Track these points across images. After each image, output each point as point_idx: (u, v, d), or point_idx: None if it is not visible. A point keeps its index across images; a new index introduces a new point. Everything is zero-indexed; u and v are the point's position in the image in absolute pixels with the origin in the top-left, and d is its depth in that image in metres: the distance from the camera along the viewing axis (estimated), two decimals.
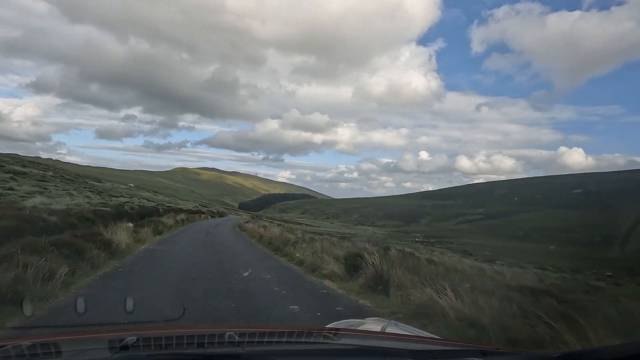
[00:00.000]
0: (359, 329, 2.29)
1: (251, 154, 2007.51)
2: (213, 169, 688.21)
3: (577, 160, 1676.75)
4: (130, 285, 7.44)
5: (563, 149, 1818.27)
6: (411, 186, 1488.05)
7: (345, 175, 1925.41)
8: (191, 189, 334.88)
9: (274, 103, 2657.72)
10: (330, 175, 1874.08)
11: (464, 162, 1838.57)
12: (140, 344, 1.35)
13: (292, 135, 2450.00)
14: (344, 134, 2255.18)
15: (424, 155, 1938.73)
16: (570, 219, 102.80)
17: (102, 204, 20.20)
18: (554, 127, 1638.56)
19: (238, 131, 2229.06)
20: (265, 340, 1.57)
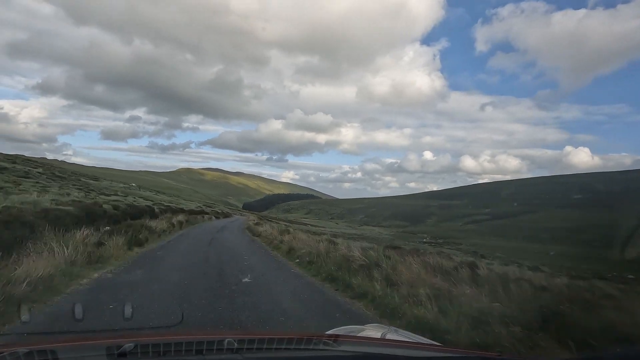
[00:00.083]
0: (358, 335, 2.22)
1: (255, 154, 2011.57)
2: (217, 169, 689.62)
3: (583, 159, 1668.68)
4: None
5: (569, 148, 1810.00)
6: (415, 186, 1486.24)
7: (349, 175, 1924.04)
8: (195, 190, 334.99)
9: (277, 103, 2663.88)
10: (334, 175, 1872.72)
11: (468, 162, 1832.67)
12: (138, 350, 1.33)
13: (296, 136, 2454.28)
14: (348, 134, 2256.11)
15: (428, 155, 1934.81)
16: (580, 220, 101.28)
17: (73, 202, 15.48)
18: (559, 127, 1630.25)
19: (242, 132, 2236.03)
20: (265, 347, 1.55)
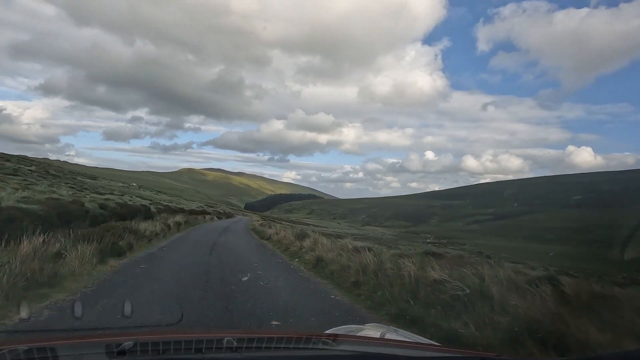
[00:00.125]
0: (357, 335, 2.21)
1: (256, 154, 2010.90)
2: (219, 169, 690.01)
3: (585, 159, 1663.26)
4: None
5: (571, 148, 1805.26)
6: (417, 186, 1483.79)
7: (351, 175, 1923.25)
8: (197, 190, 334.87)
9: (279, 103, 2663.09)
10: (336, 175, 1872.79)
11: (470, 162, 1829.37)
12: (138, 349, 1.33)
13: (297, 136, 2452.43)
14: (349, 134, 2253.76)
15: (429, 155, 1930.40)
16: (583, 220, 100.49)
17: (46, 200, 13.45)
18: (561, 126, 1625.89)
19: (243, 132, 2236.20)
20: (264, 345, 1.55)
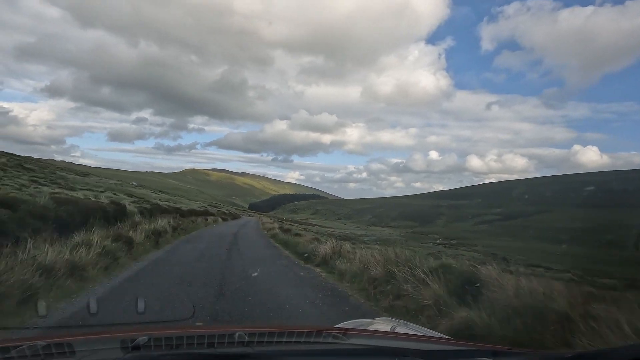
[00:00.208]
0: (368, 328, 2.23)
1: (260, 154, 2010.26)
2: (222, 170, 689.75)
3: (591, 158, 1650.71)
4: None
5: (577, 147, 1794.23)
6: (421, 186, 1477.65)
7: (355, 175, 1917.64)
8: (201, 190, 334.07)
9: (282, 104, 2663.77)
10: (339, 175, 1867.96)
11: (474, 162, 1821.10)
12: (152, 344, 1.37)
13: (301, 136, 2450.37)
14: (353, 134, 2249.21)
15: (433, 154, 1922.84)
16: (597, 219, 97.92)
17: None
18: (567, 125, 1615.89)
19: (247, 132, 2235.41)
20: (275, 340, 1.58)
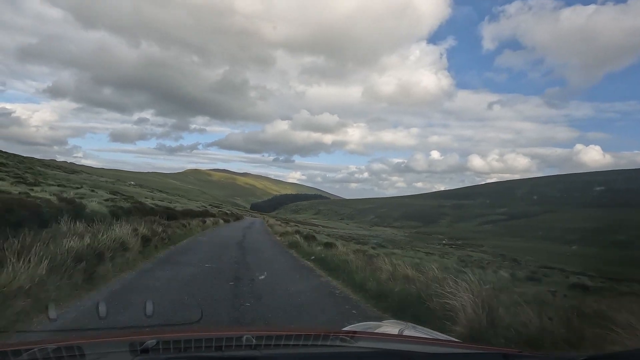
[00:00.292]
0: (375, 331, 2.21)
1: (262, 155, 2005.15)
2: (224, 170, 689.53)
3: (594, 157, 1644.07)
4: None
5: (579, 146, 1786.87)
6: (423, 186, 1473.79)
7: (356, 175, 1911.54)
8: (203, 190, 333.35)
9: (283, 104, 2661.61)
10: (341, 175, 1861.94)
11: (476, 162, 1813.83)
12: (160, 347, 1.39)
13: (302, 136, 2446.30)
14: (354, 134, 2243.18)
15: (435, 154, 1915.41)
16: (603, 219, 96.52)
17: None
18: (569, 125, 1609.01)
19: (248, 133, 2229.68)
20: (282, 343, 1.58)
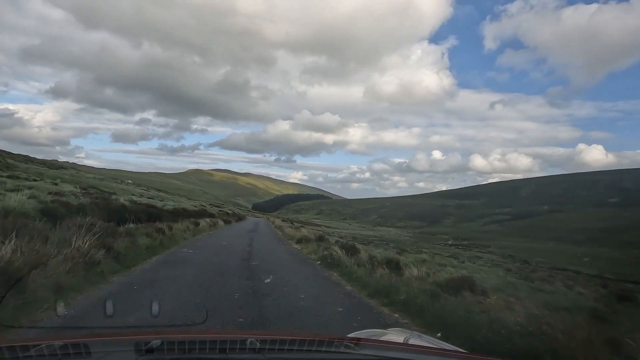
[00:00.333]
0: (380, 339, 2.17)
1: (263, 155, 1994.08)
2: (226, 170, 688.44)
3: (596, 157, 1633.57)
4: None
5: (582, 146, 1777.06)
6: (424, 186, 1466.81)
7: (357, 175, 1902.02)
8: (204, 190, 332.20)
9: (285, 104, 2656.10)
10: (342, 175, 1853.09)
11: (478, 161, 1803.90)
12: (165, 347, 1.40)
13: (304, 136, 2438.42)
14: (355, 134, 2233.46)
15: (437, 154, 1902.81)
16: (612, 219, 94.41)
17: None
18: (571, 124, 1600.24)
19: (250, 133, 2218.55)
20: (286, 347, 1.58)
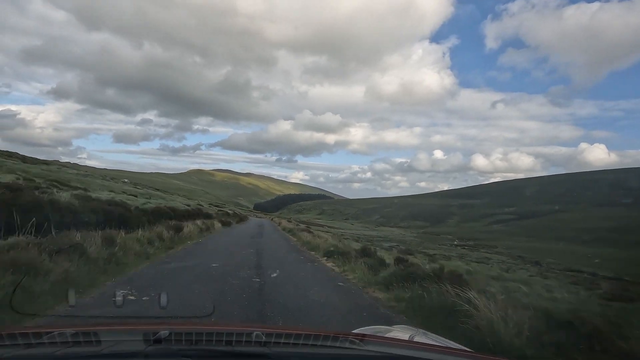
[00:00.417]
0: (386, 336, 2.20)
1: (264, 155, 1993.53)
2: (227, 170, 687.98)
3: (598, 156, 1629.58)
4: None
5: (584, 145, 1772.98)
6: (426, 186, 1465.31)
7: (359, 175, 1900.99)
8: (206, 190, 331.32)
9: (286, 104, 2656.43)
10: (344, 175, 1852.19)
11: (479, 161, 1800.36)
12: (172, 338, 1.42)
13: (305, 136, 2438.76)
14: (357, 134, 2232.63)
15: (438, 154, 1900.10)
16: (619, 218, 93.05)
17: None
18: (573, 123, 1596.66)
19: (251, 133, 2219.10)
20: (292, 342, 1.59)
